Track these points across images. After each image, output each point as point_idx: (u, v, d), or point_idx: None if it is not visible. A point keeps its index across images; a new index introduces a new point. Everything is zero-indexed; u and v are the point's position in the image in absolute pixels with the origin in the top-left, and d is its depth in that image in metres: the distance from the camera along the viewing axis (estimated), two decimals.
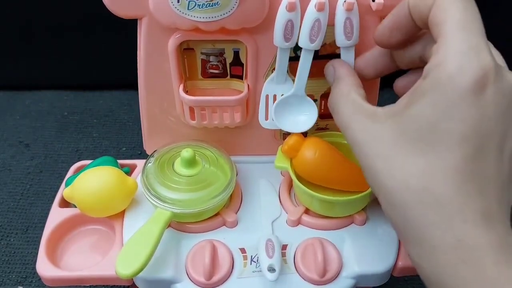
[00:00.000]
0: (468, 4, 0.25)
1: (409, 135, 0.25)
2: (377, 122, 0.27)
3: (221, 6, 0.33)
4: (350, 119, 0.29)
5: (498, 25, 0.70)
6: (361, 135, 0.28)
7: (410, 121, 0.25)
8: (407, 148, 0.25)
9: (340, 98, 0.32)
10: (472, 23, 0.24)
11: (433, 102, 0.24)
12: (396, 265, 0.37)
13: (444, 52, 0.24)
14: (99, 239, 0.40)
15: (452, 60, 0.23)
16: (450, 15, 0.24)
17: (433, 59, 0.25)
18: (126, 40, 0.41)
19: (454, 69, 0.23)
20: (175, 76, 0.39)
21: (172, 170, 0.39)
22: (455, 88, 0.23)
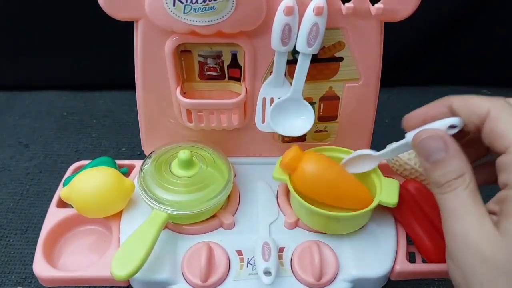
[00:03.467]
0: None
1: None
2: (500, 231, 0.26)
3: (218, 10, 0.33)
4: (478, 226, 0.27)
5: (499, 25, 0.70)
6: (486, 240, 0.27)
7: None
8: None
9: (463, 206, 0.28)
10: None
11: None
12: (394, 269, 0.37)
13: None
14: (96, 239, 0.40)
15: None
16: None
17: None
18: (125, 40, 0.41)
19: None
20: (172, 79, 0.39)
21: (169, 171, 0.39)
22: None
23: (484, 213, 0.27)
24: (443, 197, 0.29)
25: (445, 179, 0.28)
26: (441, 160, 0.29)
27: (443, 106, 0.31)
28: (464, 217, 0.27)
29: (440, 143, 0.29)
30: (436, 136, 0.29)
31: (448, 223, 0.28)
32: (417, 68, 0.74)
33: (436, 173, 0.29)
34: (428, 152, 0.29)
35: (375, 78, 0.40)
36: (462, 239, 0.27)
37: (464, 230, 0.27)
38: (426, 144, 0.30)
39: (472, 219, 0.27)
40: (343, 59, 0.39)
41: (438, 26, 0.69)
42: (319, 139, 0.45)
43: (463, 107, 0.30)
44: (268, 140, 0.44)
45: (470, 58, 0.72)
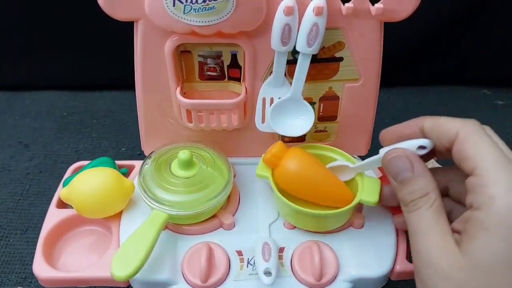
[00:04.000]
0: (493, 138, 0.28)
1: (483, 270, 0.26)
2: (462, 250, 0.27)
3: (218, 10, 0.33)
4: (440, 244, 0.28)
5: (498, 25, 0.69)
6: (448, 258, 0.27)
7: (480, 257, 0.26)
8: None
9: (427, 224, 0.29)
10: (507, 157, 0.27)
11: (497, 235, 0.25)
12: (394, 268, 0.37)
13: (495, 188, 0.26)
14: (96, 240, 0.40)
15: (507, 195, 0.26)
16: (484, 151, 0.27)
17: (482, 192, 0.26)
18: (125, 40, 0.41)
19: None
20: (172, 79, 0.39)
21: (169, 171, 0.39)
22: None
23: (447, 231, 0.28)
24: (408, 215, 0.30)
25: (410, 198, 0.30)
26: (407, 179, 0.30)
27: (416, 127, 0.32)
28: (427, 235, 0.28)
29: (406, 163, 0.30)
30: (403, 156, 0.31)
31: (412, 240, 0.29)
32: (417, 68, 0.74)
33: (403, 192, 0.30)
34: (396, 171, 0.31)
35: (375, 78, 0.40)
36: (425, 256, 0.28)
37: (427, 248, 0.28)
38: (394, 164, 0.31)
39: (434, 237, 0.28)
40: (343, 59, 0.39)
41: (438, 26, 0.69)
42: (319, 139, 0.45)
43: (433, 129, 0.31)
44: (268, 140, 0.44)
45: (470, 58, 0.72)
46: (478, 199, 0.27)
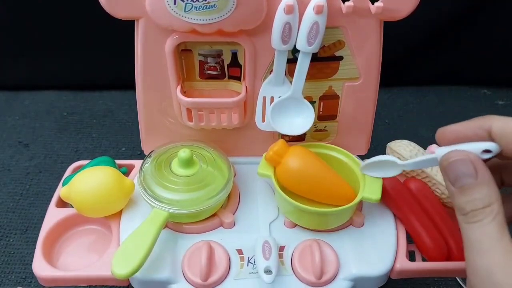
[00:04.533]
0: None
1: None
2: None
3: (218, 8, 0.33)
4: (502, 263, 0.26)
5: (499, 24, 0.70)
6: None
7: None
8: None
9: (489, 239, 0.26)
10: None
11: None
12: (394, 267, 0.37)
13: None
14: (96, 239, 0.40)
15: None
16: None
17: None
18: (125, 40, 0.41)
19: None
20: (172, 77, 0.39)
21: (169, 170, 0.39)
22: None
23: (511, 249, 0.25)
24: (467, 226, 0.27)
25: (471, 207, 0.27)
26: (469, 186, 0.27)
27: (480, 128, 0.29)
28: (489, 252, 0.25)
29: (470, 168, 0.27)
30: (467, 160, 0.28)
31: (470, 255, 0.26)
32: (417, 68, 0.74)
33: (462, 199, 0.27)
34: (456, 176, 0.28)
35: (375, 77, 0.40)
36: (485, 276, 0.25)
37: (488, 267, 0.25)
38: (455, 168, 0.28)
39: (497, 256, 0.25)
40: (343, 58, 0.39)
41: (438, 26, 0.69)
42: (319, 138, 0.45)
43: (503, 133, 0.28)
44: (268, 139, 0.44)
45: (470, 58, 0.72)
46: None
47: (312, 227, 0.38)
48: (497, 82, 0.76)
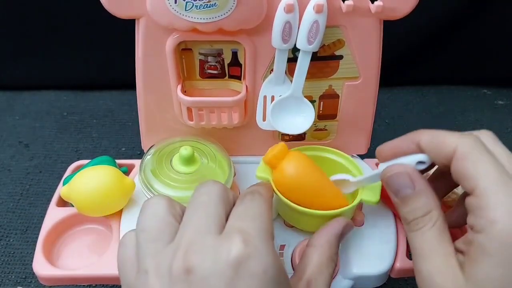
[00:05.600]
0: (495, 156, 0.27)
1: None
2: (465, 275, 0.26)
3: (219, 7, 0.33)
4: (442, 268, 0.27)
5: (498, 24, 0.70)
6: (451, 284, 0.26)
7: (483, 284, 0.25)
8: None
9: (429, 245, 0.28)
10: (508, 176, 0.26)
11: (499, 261, 0.25)
12: (394, 266, 0.37)
13: (496, 211, 0.25)
14: (96, 238, 0.40)
15: (508, 219, 0.25)
16: (483, 170, 0.26)
17: (482, 215, 0.25)
18: (126, 39, 0.41)
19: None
20: (173, 77, 0.39)
21: (170, 166, 0.39)
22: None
23: (451, 253, 0.27)
24: (410, 235, 0.29)
25: (412, 217, 0.29)
26: (408, 196, 0.29)
27: (412, 142, 0.31)
28: (430, 257, 0.27)
29: (406, 180, 0.30)
30: (403, 173, 0.30)
31: (415, 261, 0.28)
32: (417, 68, 0.74)
33: (404, 210, 0.29)
34: (396, 188, 0.30)
35: (375, 77, 0.40)
36: (428, 280, 0.27)
37: (430, 271, 0.27)
38: (394, 181, 0.30)
39: (437, 260, 0.27)
40: (343, 57, 0.39)
41: (438, 25, 0.69)
42: (319, 138, 0.45)
43: (430, 145, 0.30)
44: (268, 138, 0.44)
45: (470, 58, 0.72)
46: (479, 222, 0.26)
47: (311, 230, 0.38)
48: (497, 82, 0.76)
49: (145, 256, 0.26)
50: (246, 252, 0.24)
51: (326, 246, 0.32)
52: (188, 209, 0.28)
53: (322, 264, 0.31)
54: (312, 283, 0.30)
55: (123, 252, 0.28)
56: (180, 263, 0.24)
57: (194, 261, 0.24)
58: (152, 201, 0.29)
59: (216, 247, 0.25)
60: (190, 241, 0.25)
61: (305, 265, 0.31)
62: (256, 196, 0.30)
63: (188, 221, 0.27)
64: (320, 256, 0.31)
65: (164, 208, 0.28)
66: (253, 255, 0.24)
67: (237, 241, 0.25)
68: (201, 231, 0.26)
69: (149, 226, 0.27)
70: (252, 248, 0.25)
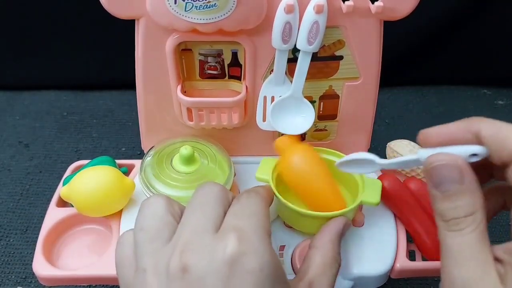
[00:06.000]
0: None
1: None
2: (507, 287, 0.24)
3: (219, 8, 0.33)
4: (481, 277, 0.24)
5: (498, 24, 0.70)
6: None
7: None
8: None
9: (469, 250, 0.25)
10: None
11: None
12: (394, 267, 0.37)
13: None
14: (96, 238, 0.40)
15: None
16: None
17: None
18: (126, 40, 0.41)
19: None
20: (173, 77, 0.39)
21: (170, 166, 0.39)
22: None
23: (490, 261, 0.24)
24: (447, 233, 0.26)
25: (453, 215, 0.26)
26: (453, 192, 0.26)
27: (468, 131, 0.27)
28: (468, 263, 0.24)
29: (455, 174, 0.26)
30: (453, 166, 0.26)
31: (448, 263, 0.25)
32: (417, 68, 0.74)
33: (444, 205, 0.26)
34: (440, 180, 0.26)
35: (375, 77, 0.40)
36: (462, 286, 0.24)
37: (466, 278, 0.24)
38: (440, 171, 0.26)
39: (476, 267, 0.24)
40: (343, 57, 0.39)
41: (438, 25, 0.69)
42: (319, 138, 0.45)
43: (493, 139, 0.26)
44: (268, 139, 0.44)
45: (470, 58, 0.72)
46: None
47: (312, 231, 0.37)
48: (497, 82, 0.76)
49: (143, 255, 0.26)
50: (241, 249, 0.24)
51: (328, 246, 0.32)
52: (186, 209, 0.28)
53: (325, 265, 0.30)
54: (314, 284, 0.29)
55: (121, 251, 0.28)
56: (177, 262, 0.24)
57: (190, 260, 0.24)
58: (151, 200, 0.29)
59: (212, 245, 0.25)
60: (187, 240, 0.25)
61: (307, 266, 0.30)
62: (252, 195, 0.30)
63: (186, 220, 0.27)
64: (323, 257, 0.31)
65: (162, 207, 0.28)
66: (249, 252, 0.24)
67: (232, 239, 0.25)
68: (198, 230, 0.26)
69: (148, 225, 0.27)
70: (248, 245, 0.25)
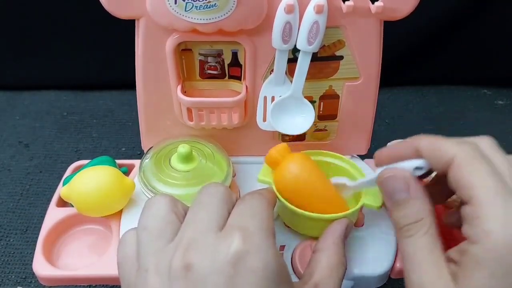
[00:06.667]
0: (493, 165, 0.26)
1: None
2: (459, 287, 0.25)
3: (219, 8, 0.33)
4: (435, 280, 0.26)
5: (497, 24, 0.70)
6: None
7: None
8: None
9: (421, 254, 0.27)
10: (506, 186, 0.25)
11: (492, 273, 0.24)
12: (394, 266, 0.37)
13: (492, 222, 0.25)
14: (96, 238, 0.40)
15: (503, 231, 0.24)
16: (481, 180, 0.26)
17: (478, 225, 0.25)
18: (126, 40, 0.41)
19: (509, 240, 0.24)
20: (173, 77, 0.39)
21: (169, 165, 0.39)
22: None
23: (442, 263, 0.26)
24: (402, 241, 0.28)
25: (404, 222, 0.28)
26: (401, 201, 0.29)
27: (410, 147, 0.30)
28: (421, 266, 0.27)
29: (401, 184, 0.29)
30: (399, 177, 0.29)
31: (406, 269, 0.28)
32: (417, 68, 0.74)
33: (396, 214, 0.29)
34: (390, 192, 0.29)
35: (375, 77, 0.40)
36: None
37: (421, 280, 0.26)
38: (389, 184, 0.30)
39: (428, 269, 0.26)
40: (343, 57, 0.39)
41: (438, 25, 0.69)
42: (319, 138, 0.45)
43: (429, 151, 0.29)
44: (268, 139, 0.44)
45: (470, 58, 0.72)
46: (474, 231, 0.25)
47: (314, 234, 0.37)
48: (497, 82, 0.76)
49: (146, 254, 0.26)
50: (245, 248, 0.24)
51: (333, 248, 0.32)
52: (190, 209, 0.28)
53: (331, 267, 0.30)
54: (320, 287, 0.29)
55: (123, 250, 0.28)
56: (179, 261, 0.24)
57: (193, 259, 0.24)
58: (155, 199, 0.29)
59: (215, 244, 0.25)
60: (190, 239, 0.25)
61: (312, 269, 0.30)
62: (256, 196, 0.30)
63: (190, 220, 0.27)
64: (328, 259, 0.31)
65: (166, 207, 0.28)
66: (253, 251, 0.24)
67: (236, 237, 0.25)
68: (202, 229, 0.26)
69: (151, 224, 0.27)
70: (251, 244, 0.25)
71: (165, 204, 0.28)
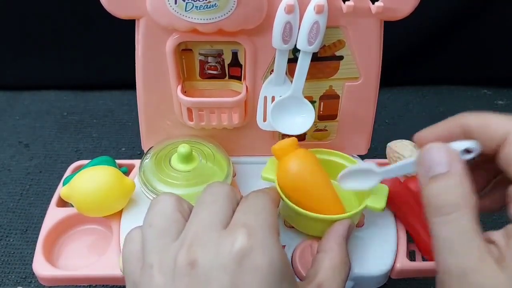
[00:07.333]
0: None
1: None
2: (505, 271, 0.23)
3: (219, 8, 0.33)
4: (478, 265, 0.23)
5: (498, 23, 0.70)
6: (489, 282, 0.23)
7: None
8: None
9: (461, 237, 0.24)
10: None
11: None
12: (394, 267, 0.37)
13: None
14: (97, 238, 0.40)
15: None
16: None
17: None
18: (126, 40, 0.41)
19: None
20: (173, 77, 0.39)
21: (169, 165, 0.39)
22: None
23: (484, 246, 0.23)
24: (437, 223, 0.24)
25: (443, 201, 0.24)
26: (441, 175, 0.25)
27: (456, 126, 0.27)
28: (463, 251, 0.23)
29: (444, 156, 0.25)
30: (442, 149, 0.26)
31: (441, 254, 0.24)
32: (417, 68, 0.74)
33: (433, 191, 0.25)
34: (429, 164, 0.25)
35: (375, 77, 0.40)
36: (460, 276, 0.23)
37: (463, 267, 0.23)
38: (429, 156, 0.26)
39: (471, 256, 0.23)
40: (343, 57, 0.39)
41: (438, 25, 0.69)
42: (319, 138, 0.45)
43: (480, 129, 0.26)
44: (268, 139, 0.44)
45: (470, 58, 0.72)
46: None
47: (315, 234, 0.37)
48: (497, 82, 0.76)
49: (151, 251, 0.26)
50: (249, 245, 0.24)
51: (336, 249, 0.31)
52: (195, 207, 0.28)
53: (334, 268, 0.30)
54: (323, 287, 0.29)
55: (128, 247, 0.28)
56: (184, 257, 0.24)
57: (197, 255, 0.24)
58: (161, 198, 0.29)
59: (219, 241, 0.25)
60: (195, 235, 0.25)
61: (316, 270, 0.30)
62: (260, 194, 0.30)
63: (195, 218, 0.27)
64: (332, 260, 0.31)
65: (172, 205, 0.28)
66: (257, 248, 0.24)
67: (241, 234, 0.25)
68: (207, 226, 0.26)
69: (157, 222, 0.27)
70: (256, 241, 0.25)
71: (171, 203, 0.28)
